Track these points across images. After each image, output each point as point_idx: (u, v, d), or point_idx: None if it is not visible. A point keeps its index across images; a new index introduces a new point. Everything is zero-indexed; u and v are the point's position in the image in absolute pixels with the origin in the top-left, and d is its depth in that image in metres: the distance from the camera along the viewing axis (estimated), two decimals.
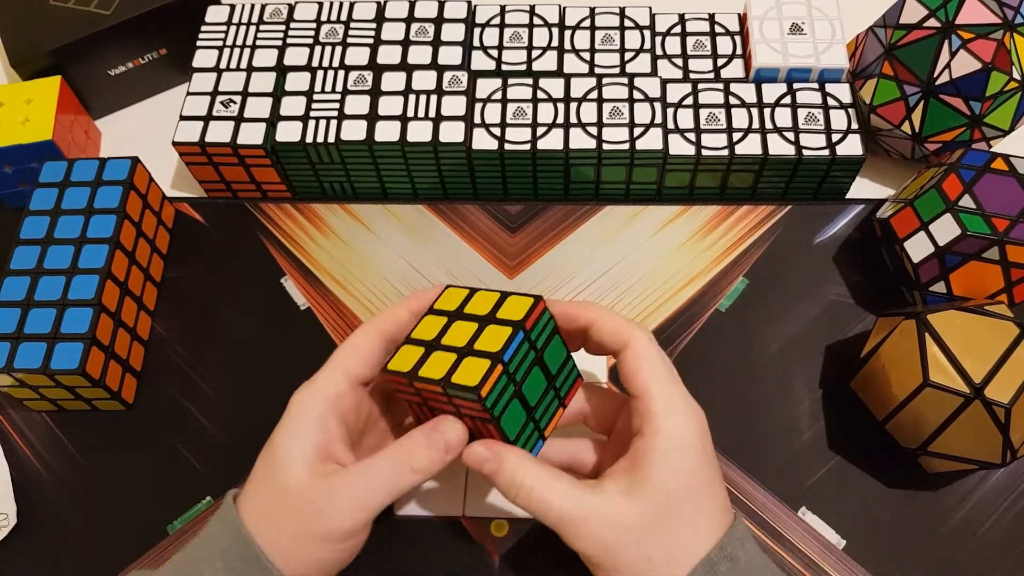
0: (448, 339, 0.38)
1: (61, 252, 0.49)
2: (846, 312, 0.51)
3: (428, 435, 0.37)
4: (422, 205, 0.57)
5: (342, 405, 0.38)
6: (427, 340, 0.38)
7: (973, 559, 0.44)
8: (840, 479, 0.46)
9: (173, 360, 0.52)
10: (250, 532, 0.36)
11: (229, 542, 0.36)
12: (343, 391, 0.38)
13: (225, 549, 0.36)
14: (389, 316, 0.40)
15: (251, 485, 0.38)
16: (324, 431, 0.37)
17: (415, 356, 0.37)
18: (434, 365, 0.36)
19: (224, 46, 0.57)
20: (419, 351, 0.37)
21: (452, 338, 0.37)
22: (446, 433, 0.37)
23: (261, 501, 0.37)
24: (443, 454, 0.37)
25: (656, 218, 0.55)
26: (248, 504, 0.37)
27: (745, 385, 0.49)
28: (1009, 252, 0.45)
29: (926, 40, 0.50)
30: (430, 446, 0.37)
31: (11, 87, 0.56)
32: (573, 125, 0.53)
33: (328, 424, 0.38)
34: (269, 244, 0.55)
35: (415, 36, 0.57)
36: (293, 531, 0.36)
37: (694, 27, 0.58)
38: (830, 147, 0.52)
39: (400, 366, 0.37)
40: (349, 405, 0.39)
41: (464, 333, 0.37)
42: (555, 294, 0.53)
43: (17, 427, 0.50)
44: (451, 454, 0.37)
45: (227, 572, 0.35)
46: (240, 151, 0.53)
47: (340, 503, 0.36)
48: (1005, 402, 0.40)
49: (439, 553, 0.45)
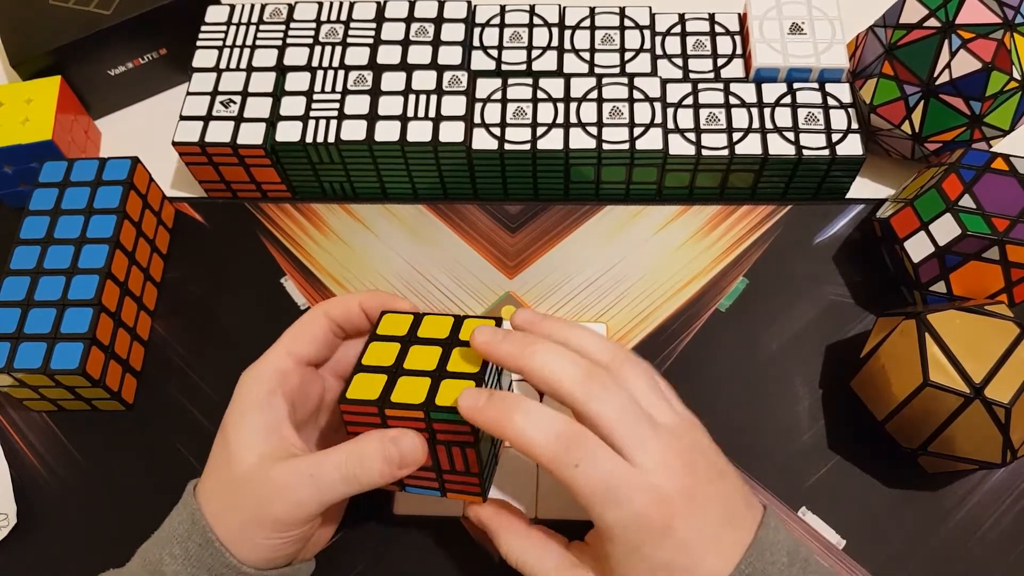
0: (411, 364, 0.37)
1: (61, 252, 0.49)
2: (846, 312, 0.51)
3: (384, 447, 0.36)
4: (422, 205, 0.57)
5: (288, 383, 0.38)
6: (386, 366, 0.37)
7: (973, 559, 0.44)
8: (840, 479, 0.46)
9: (173, 360, 0.52)
10: (206, 517, 0.37)
11: (187, 528, 0.37)
12: (288, 369, 0.39)
13: (183, 535, 0.37)
14: (338, 303, 0.41)
15: (207, 470, 0.39)
16: (271, 410, 0.38)
17: (376, 383, 0.37)
18: (407, 390, 0.36)
19: (224, 46, 0.57)
20: (379, 378, 0.37)
21: (415, 362, 0.37)
22: (403, 448, 0.36)
23: (215, 487, 0.38)
24: (396, 469, 0.36)
25: (656, 218, 0.55)
26: (204, 490, 0.38)
27: (745, 385, 0.49)
28: (1009, 252, 0.45)
29: (926, 40, 0.50)
30: (383, 458, 0.36)
31: (11, 87, 0.56)
32: (573, 125, 0.53)
33: (274, 403, 0.38)
34: (269, 244, 0.55)
35: (415, 36, 0.57)
36: (242, 518, 0.36)
37: (694, 27, 0.58)
38: (830, 147, 0.52)
39: (363, 394, 0.36)
40: (294, 383, 0.39)
41: (428, 357, 0.37)
42: (555, 294, 0.53)
43: (17, 427, 0.50)
44: (405, 470, 0.36)
45: (185, 558, 0.36)
46: (240, 151, 0.53)
47: (284, 498, 0.36)
48: (1005, 402, 0.40)
49: (439, 553, 0.45)
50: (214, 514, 0.37)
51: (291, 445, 0.38)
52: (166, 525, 0.38)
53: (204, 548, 0.36)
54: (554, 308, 0.52)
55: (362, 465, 0.36)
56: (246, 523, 0.36)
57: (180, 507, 0.38)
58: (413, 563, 0.45)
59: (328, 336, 0.40)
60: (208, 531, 0.36)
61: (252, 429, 0.37)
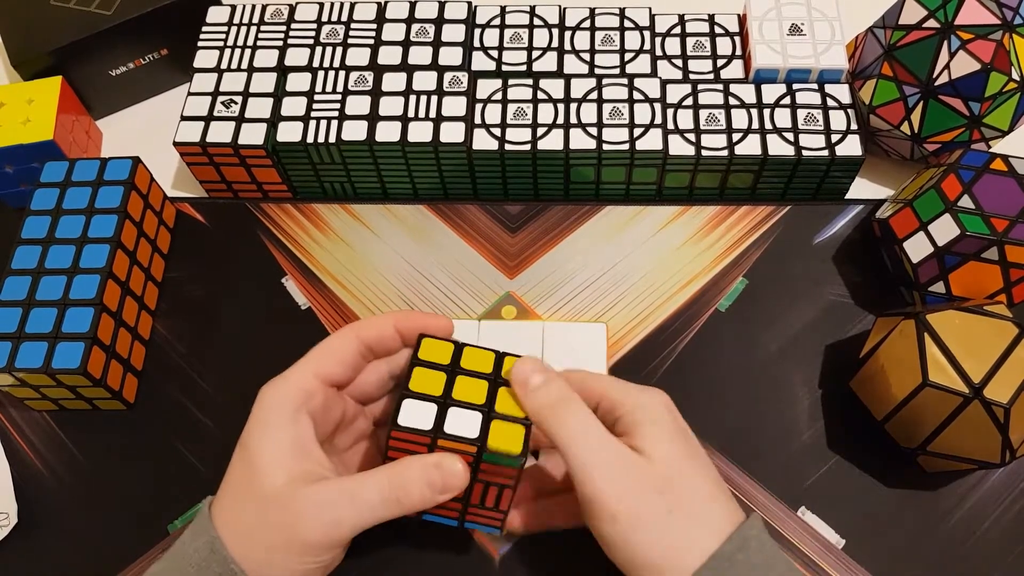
0: (460, 395, 0.37)
1: (62, 252, 0.49)
2: (845, 312, 0.52)
3: (427, 471, 0.35)
4: (422, 205, 0.57)
5: (312, 403, 0.37)
6: (435, 396, 0.37)
7: (973, 559, 0.44)
8: (840, 479, 0.47)
9: (174, 360, 0.52)
10: (224, 544, 0.35)
11: (204, 556, 0.35)
12: (313, 389, 0.37)
13: (199, 564, 0.35)
14: (372, 325, 0.39)
15: (226, 489, 0.37)
16: (296, 428, 0.36)
17: (427, 412, 0.36)
18: (459, 423, 0.36)
19: (225, 46, 0.57)
20: (429, 407, 0.36)
21: (464, 394, 0.37)
22: (448, 475, 0.35)
23: (237, 508, 0.36)
24: (439, 495, 0.35)
25: (656, 218, 0.56)
26: (224, 512, 0.36)
27: (745, 385, 0.49)
28: (1008, 252, 0.45)
29: (925, 41, 0.50)
30: (426, 483, 0.35)
31: (12, 87, 0.56)
32: (573, 125, 0.53)
33: (301, 421, 0.36)
34: (270, 244, 0.55)
35: (416, 37, 0.57)
36: (269, 542, 0.35)
37: (694, 28, 0.58)
38: (829, 147, 0.52)
39: (415, 423, 0.36)
40: (318, 404, 0.37)
41: (476, 390, 0.37)
42: (555, 294, 0.53)
43: (18, 426, 0.50)
44: (445, 496, 0.36)
45: None
46: (241, 151, 0.53)
47: (319, 519, 0.35)
48: (1004, 402, 0.40)
49: (439, 553, 0.45)
50: (236, 537, 0.35)
51: (319, 466, 0.37)
52: (179, 548, 0.36)
53: None
54: (554, 308, 0.52)
55: (405, 489, 0.35)
56: (273, 547, 0.35)
57: (196, 530, 0.36)
58: (413, 563, 0.45)
59: (356, 359, 0.39)
60: (230, 562, 0.34)
61: (279, 447, 0.36)
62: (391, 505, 0.35)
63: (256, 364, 0.51)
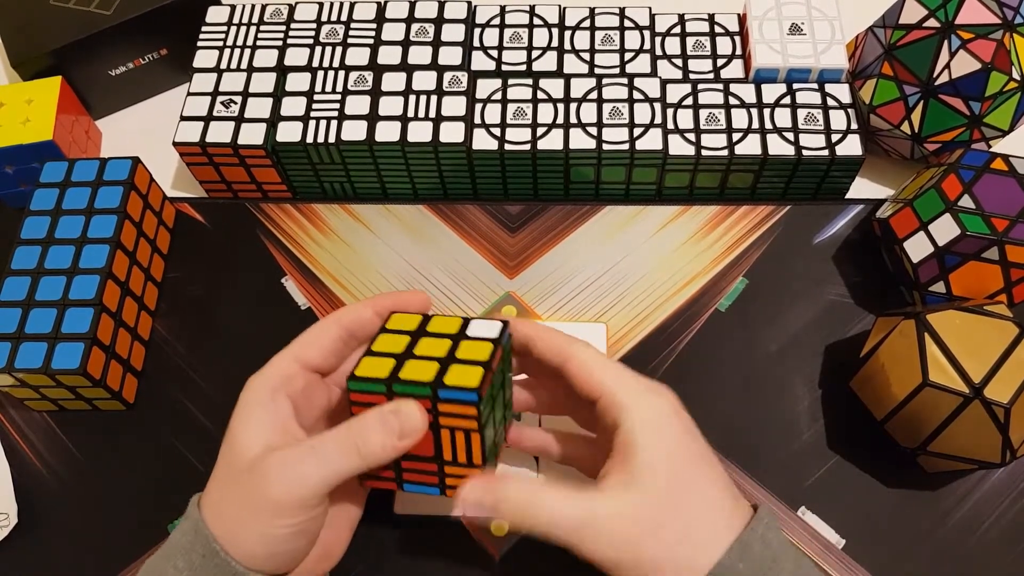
0: (421, 351, 0.37)
1: (62, 252, 0.49)
2: (846, 312, 0.52)
3: (383, 417, 0.35)
4: (422, 205, 0.57)
5: (292, 386, 0.38)
6: (395, 352, 0.37)
7: (973, 559, 0.44)
8: (840, 479, 0.47)
9: (173, 360, 0.52)
10: (207, 524, 0.36)
11: (190, 539, 0.36)
12: (292, 373, 0.38)
13: (186, 547, 0.36)
14: (351, 311, 0.40)
15: (212, 476, 0.38)
16: (275, 407, 0.37)
17: (385, 365, 0.37)
18: (415, 370, 0.36)
19: (225, 46, 0.57)
20: (388, 361, 0.37)
21: (425, 350, 0.37)
22: (404, 418, 0.35)
23: (216, 487, 0.37)
24: (396, 439, 0.35)
25: (656, 218, 0.56)
26: (207, 495, 0.37)
27: (745, 385, 0.49)
28: (1008, 252, 0.45)
29: (926, 40, 0.50)
30: (384, 429, 0.35)
31: (12, 87, 0.56)
32: (573, 125, 0.53)
33: (279, 400, 0.37)
34: (269, 244, 0.55)
35: (415, 36, 0.57)
36: (239, 505, 0.36)
37: (694, 27, 0.58)
38: (829, 147, 0.52)
39: (371, 373, 0.36)
40: (298, 387, 0.38)
41: (438, 347, 0.37)
42: (555, 294, 0.53)
43: (18, 427, 0.50)
44: (405, 441, 0.36)
45: (189, 570, 0.35)
46: (241, 151, 0.53)
47: (285, 476, 0.35)
48: (1004, 402, 0.40)
49: (439, 553, 0.45)
50: (215, 515, 0.36)
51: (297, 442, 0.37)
52: (169, 539, 0.37)
53: (208, 559, 0.35)
54: (554, 308, 0.52)
55: (363, 436, 0.35)
56: (243, 511, 0.35)
57: (184, 519, 0.37)
58: (413, 563, 0.45)
59: (337, 345, 0.40)
60: (211, 541, 0.35)
61: (257, 426, 0.37)
62: (351, 455, 0.35)
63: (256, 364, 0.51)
